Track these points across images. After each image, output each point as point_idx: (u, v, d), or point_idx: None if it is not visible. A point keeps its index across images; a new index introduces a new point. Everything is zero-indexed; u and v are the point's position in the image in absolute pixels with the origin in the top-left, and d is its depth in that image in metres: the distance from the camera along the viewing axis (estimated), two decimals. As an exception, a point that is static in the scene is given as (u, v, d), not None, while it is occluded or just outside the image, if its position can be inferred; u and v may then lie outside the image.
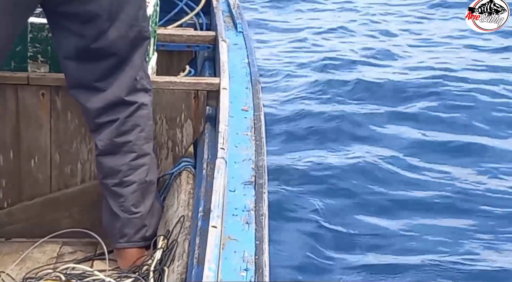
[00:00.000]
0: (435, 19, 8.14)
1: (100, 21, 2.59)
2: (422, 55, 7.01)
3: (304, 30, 7.83)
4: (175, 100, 2.96)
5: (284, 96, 6.05)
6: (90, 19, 2.58)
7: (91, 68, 2.67)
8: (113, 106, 2.69)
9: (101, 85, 2.68)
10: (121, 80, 2.68)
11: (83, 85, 2.70)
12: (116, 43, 2.63)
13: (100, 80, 2.67)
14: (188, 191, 2.76)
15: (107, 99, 2.68)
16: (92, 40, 2.61)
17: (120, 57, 2.67)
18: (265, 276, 2.02)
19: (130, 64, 2.69)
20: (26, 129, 2.90)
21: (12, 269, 2.71)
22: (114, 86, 2.67)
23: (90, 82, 2.68)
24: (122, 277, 2.59)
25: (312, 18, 8.27)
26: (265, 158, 2.61)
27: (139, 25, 2.68)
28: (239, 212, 2.29)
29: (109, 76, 2.67)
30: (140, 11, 2.68)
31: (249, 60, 3.38)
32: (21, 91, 2.87)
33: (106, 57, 2.65)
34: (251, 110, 2.93)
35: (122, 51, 2.66)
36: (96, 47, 2.62)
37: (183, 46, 3.59)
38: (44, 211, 2.94)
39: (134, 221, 2.73)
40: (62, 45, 2.68)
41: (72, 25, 2.61)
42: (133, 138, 2.71)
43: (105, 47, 2.63)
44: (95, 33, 2.60)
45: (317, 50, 7.21)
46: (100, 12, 2.58)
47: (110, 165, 2.73)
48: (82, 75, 2.68)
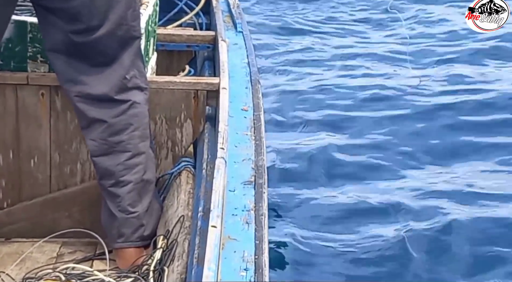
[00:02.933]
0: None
1: (84, 18, 2.59)
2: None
3: (305, 30, 7.82)
4: (175, 100, 2.96)
5: (285, 96, 6.05)
6: (74, 15, 2.59)
7: (78, 64, 2.67)
8: (102, 103, 2.68)
9: (89, 81, 2.67)
10: (109, 78, 2.68)
11: (72, 80, 2.69)
12: (104, 40, 2.64)
13: (88, 76, 2.67)
14: (187, 191, 2.76)
15: (95, 94, 2.67)
16: (78, 36, 2.62)
17: (108, 55, 2.67)
18: (265, 276, 2.02)
19: (119, 63, 2.68)
20: (26, 129, 2.90)
21: (12, 269, 2.71)
22: (102, 83, 2.67)
23: (78, 78, 2.68)
24: (122, 277, 2.58)
25: (313, 18, 8.26)
26: (265, 158, 2.61)
27: (128, 24, 2.68)
28: (238, 212, 2.29)
29: (96, 73, 2.67)
30: (129, 10, 2.67)
31: (248, 60, 3.38)
32: (20, 91, 2.87)
33: (94, 54, 2.65)
34: (250, 110, 2.93)
35: (110, 49, 2.66)
36: (82, 43, 2.63)
37: (183, 46, 3.59)
38: (43, 211, 2.94)
39: (131, 221, 2.73)
40: (48, 39, 2.69)
41: (57, 20, 2.62)
42: (126, 137, 2.71)
43: (92, 44, 2.63)
44: (80, 29, 2.61)
45: (317, 50, 7.20)
46: (82, 9, 2.58)
47: (105, 166, 2.72)
48: (70, 70, 2.68)
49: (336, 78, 6.47)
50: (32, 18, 2.82)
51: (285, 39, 7.53)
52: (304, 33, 7.74)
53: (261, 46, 7.01)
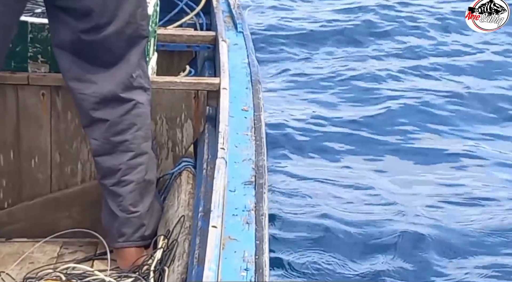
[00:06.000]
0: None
1: (95, 15, 2.60)
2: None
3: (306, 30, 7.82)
4: (175, 100, 2.97)
5: (285, 96, 6.05)
6: (85, 13, 2.60)
7: (85, 62, 2.67)
8: (108, 101, 2.68)
9: (95, 80, 2.67)
10: (116, 75, 2.68)
11: (77, 78, 2.69)
12: (112, 39, 2.64)
13: (94, 75, 2.67)
14: (188, 191, 2.76)
15: (101, 93, 2.67)
16: (87, 34, 2.62)
17: (116, 53, 2.67)
18: (265, 276, 2.02)
19: (126, 61, 2.69)
20: (27, 129, 2.90)
21: (12, 269, 2.71)
22: (108, 81, 2.67)
23: (83, 76, 2.68)
24: (122, 277, 2.59)
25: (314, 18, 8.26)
26: (265, 158, 2.61)
27: (137, 23, 2.69)
28: (239, 212, 2.29)
29: (103, 71, 2.67)
30: (138, 9, 2.68)
31: (249, 60, 3.38)
32: (21, 91, 2.87)
33: (101, 53, 2.66)
34: (251, 110, 2.94)
35: (118, 47, 2.67)
36: (91, 41, 2.63)
37: (183, 46, 3.59)
38: (44, 211, 2.94)
39: (132, 221, 2.73)
40: (57, 36, 2.69)
41: (68, 18, 2.62)
42: (130, 137, 2.71)
43: (100, 42, 2.63)
44: (90, 28, 2.61)
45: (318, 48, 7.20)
46: (94, 7, 2.59)
47: (107, 165, 2.72)
48: (76, 68, 2.68)
49: (336, 78, 6.47)
50: (33, 18, 2.83)
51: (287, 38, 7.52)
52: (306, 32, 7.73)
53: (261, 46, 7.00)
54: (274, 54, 7.02)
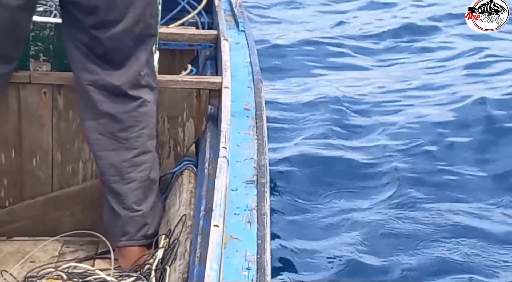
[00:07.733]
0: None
1: (101, 12, 2.61)
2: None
3: (306, 30, 7.82)
4: (177, 99, 2.97)
5: (286, 95, 6.05)
6: (91, 8, 2.61)
7: (95, 57, 2.67)
8: (116, 96, 2.69)
9: (105, 73, 2.68)
10: (124, 73, 2.69)
11: (87, 70, 2.69)
12: (122, 36, 2.65)
13: (103, 70, 2.68)
14: (190, 190, 2.76)
15: (110, 86, 2.68)
16: (97, 31, 2.63)
17: (125, 51, 2.68)
18: (267, 275, 2.02)
19: (134, 59, 2.70)
20: (28, 128, 2.90)
21: (13, 268, 2.71)
22: (117, 76, 2.68)
23: (94, 68, 2.68)
24: (124, 276, 2.59)
25: (315, 18, 8.26)
26: (267, 157, 2.61)
27: (146, 21, 2.69)
28: (241, 211, 2.29)
29: (113, 67, 2.68)
30: (147, 7, 2.69)
31: (251, 59, 3.38)
32: (23, 89, 2.87)
33: (111, 50, 2.66)
34: (253, 109, 2.93)
35: (127, 45, 2.68)
36: (100, 38, 2.64)
37: (185, 45, 3.58)
38: (45, 210, 2.95)
39: (136, 219, 2.73)
40: (68, 30, 2.70)
41: (77, 13, 2.64)
42: (135, 134, 2.71)
43: (110, 39, 2.64)
44: (97, 22, 2.62)
45: (318, 49, 7.20)
46: (100, 3, 2.60)
47: (110, 161, 2.72)
48: (86, 60, 2.68)
49: (337, 77, 6.47)
50: (34, 17, 2.82)
51: (287, 39, 7.53)
52: (306, 33, 7.73)
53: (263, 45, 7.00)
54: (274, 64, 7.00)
